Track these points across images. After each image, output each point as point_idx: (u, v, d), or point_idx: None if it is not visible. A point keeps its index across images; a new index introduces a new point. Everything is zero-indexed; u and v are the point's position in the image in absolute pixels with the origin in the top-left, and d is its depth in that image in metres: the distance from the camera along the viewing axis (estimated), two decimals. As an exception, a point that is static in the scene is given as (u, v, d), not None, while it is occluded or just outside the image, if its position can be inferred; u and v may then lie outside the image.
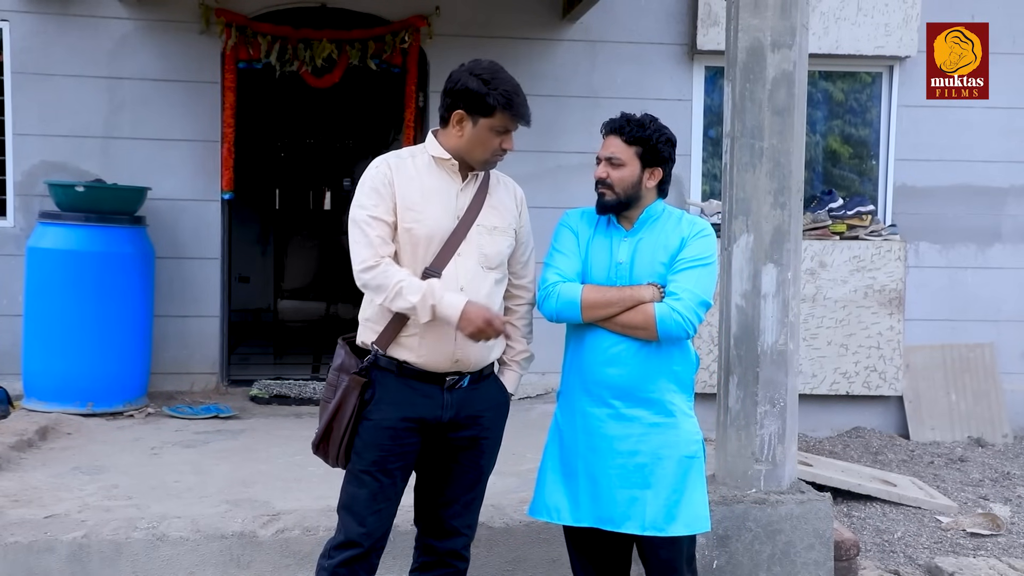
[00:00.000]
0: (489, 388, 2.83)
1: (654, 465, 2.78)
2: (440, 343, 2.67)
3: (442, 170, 2.73)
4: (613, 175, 2.86)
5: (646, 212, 2.90)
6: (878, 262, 6.46)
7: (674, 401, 2.84)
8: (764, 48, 3.76)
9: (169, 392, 5.93)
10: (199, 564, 3.41)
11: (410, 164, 2.71)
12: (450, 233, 2.68)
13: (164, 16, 6.00)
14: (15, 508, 3.69)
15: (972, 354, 6.68)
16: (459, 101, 2.65)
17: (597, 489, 2.83)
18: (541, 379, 6.32)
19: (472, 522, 2.86)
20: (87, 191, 5.43)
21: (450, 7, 6.17)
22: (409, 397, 2.67)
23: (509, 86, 2.66)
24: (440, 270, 2.65)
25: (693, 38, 6.36)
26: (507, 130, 2.70)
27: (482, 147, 2.70)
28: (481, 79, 2.63)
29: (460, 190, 2.74)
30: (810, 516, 3.73)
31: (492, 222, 2.78)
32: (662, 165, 2.88)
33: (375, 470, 2.67)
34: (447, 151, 2.71)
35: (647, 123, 2.88)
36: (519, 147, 2.94)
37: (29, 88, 5.91)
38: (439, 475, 2.80)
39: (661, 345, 2.81)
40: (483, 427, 2.80)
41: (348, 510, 2.70)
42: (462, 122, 2.66)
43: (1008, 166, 6.73)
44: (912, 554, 4.50)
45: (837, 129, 6.90)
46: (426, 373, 2.68)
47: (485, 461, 2.84)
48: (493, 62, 2.73)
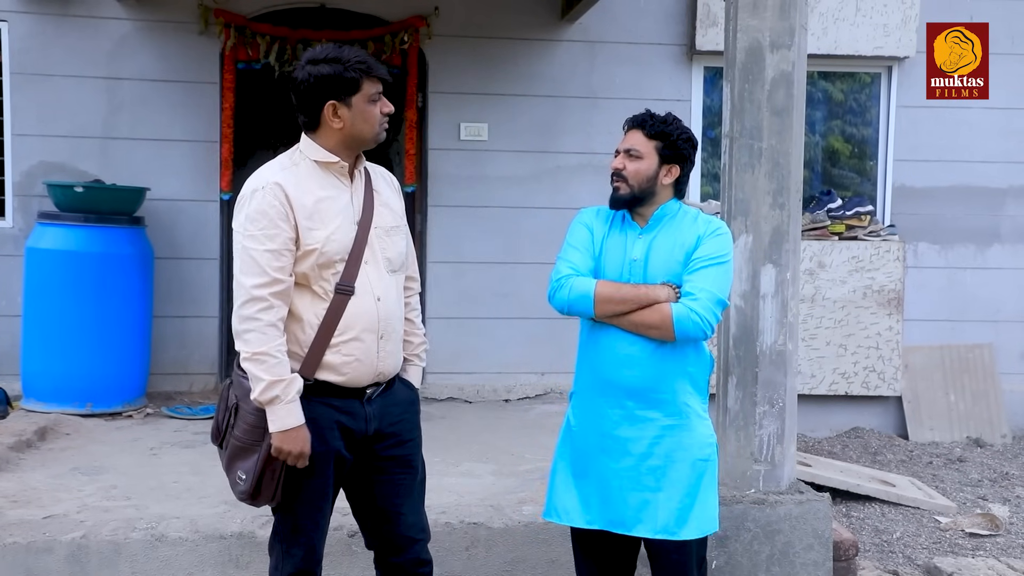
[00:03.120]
0: (398, 390, 2.72)
1: (667, 468, 2.76)
2: (365, 359, 2.56)
3: (329, 175, 2.57)
4: (629, 167, 2.84)
5: (661, 209, 2.87)
6: (877, 262, 6.46)
7: (688, 403, 2.81)
8: (763, 49, 3.76)
9: (168, 392, 5.93)
10: (198, 564, 3.41)
11: (297, 178, 2.53)
12: (352, 242, 2.54)
13: (163, 17, 6.00)
14: (14, 509, 3.69)
15: (971, 354, 6.69)
16: (322, 93, 2.50)
17: (608, 491, 2.81)
18: (540, 379, 6.33)
19: (424, 524, 2.78)
20: (86, 191, 5.42)
21: (449, 8, 6.17)
22: (334, 416, 2.55)
23: (356, 54, 2.52)
24: (352, 283, 2.53)
25: (692, 38, 6.36)
26: (379, 94, 2.57)
27: (367, 122, 2.54)
28: (328, 61, 2.49)
29: (352, 193, 2.60)
30: (809, 516, 3.73)
31: (388, 222, 2.65)
32: (680, 163, 2.86)
33: (318, 498, 2.58)
34: (331, 152, 2.56)
35: (670, 120, 2.88)
36: (518, 147, 2.92)
37: (28, 88, 5.91)
38: (378, 493, 2.68)
39: (675, 346, 2.77)
40: (406, 431, 2.71)
41: (294, 542, 2.59)
42: (337, 111, 2.51)
43: (1007, 166, 6.73)
44: (911, 554, 4.50)
45: (836, 129, 6.90)
46: (346, 390, 2.57)
47: (417, 461, 2.75)
48: (325, 43, 2.60)
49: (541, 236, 6.32)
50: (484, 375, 6.29)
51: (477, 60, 6.26)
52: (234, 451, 2.55)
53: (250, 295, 2.44)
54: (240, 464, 2.54)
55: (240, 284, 2.47)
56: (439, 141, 6.25)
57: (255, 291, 2.44)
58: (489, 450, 4.90)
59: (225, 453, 2.59)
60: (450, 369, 6.24)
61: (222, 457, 2.63)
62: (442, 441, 4.98)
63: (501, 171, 6.30)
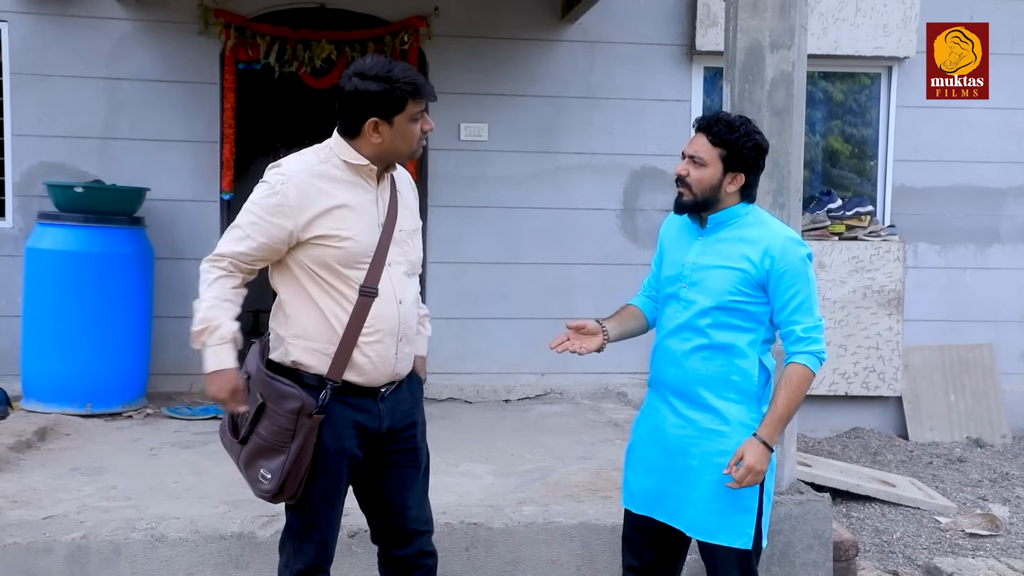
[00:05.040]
0: (404, 384, 2.73)
1: (702, 470, 2.74)
2: (385, 361, 2.59)
3: (358, 176, 2.57)
4: (693, 174, 2.76)
5: (723, 213, 2.79)
6: (877, 263, 6.46)
7: (730, 411, 2.75)
8: (763, 49, 3.76)
9: (168, 393, 5.93)
10: (198, 565, 3.41)
11: (323, 176, 2.54)
12: (376, 244, 2.56)
13: (163, 17, 6.00)
14: (14, 509, 3.69)
15: (971, 355, 6.68)
16: (366, 109, 2.49)
17: (655, 480, 2.82)
18: (540, 379, 6.33)
19: (428, 516, 2.80)
20: (86, 192, 5.42)
21: (449, 8, 6.17)
22: (351, 415, 2.57)
23: (406, 73, 2.50)
24: (376, 286, 2.54)
25: (692, 39, 6.36)
26: (422, 114, 2.57)
27: (406, 141, 2.55)
28: (377, 79, 2.47)
29: (378, 196, 2.61)
30: (809, 517, 3.73)
31: (409, 225, 2.68)
32: (746, 171, 2.76)
33: (331, 496, 2.60)
34: (366, 158, 2.56)
35: (737, 125, 2.74)
36: (518, 147, 2.92)
37: (28, 89, 5.91)
38: (385, 486, 2.71)
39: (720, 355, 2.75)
40: (415, 425, 2.74)
41: (306, 538, 2.61)
42: (378, 128, 2.51)
43: (1007, 166, 6.73)
44: (911, 554, 4.50)
45: (836, 129, 6.90)
46: (362, 388, 2.59)
47: (421, 450, 2.77)
48: (375, 56, 2.59)
49: (541, 236, 6.33)
50: (484, 375, 6.29)
51: (477, 60, 6.26)
52: (258, 449, 2.54)
53: (215, 255, 2.56)
54: (264, 463, 2.53)
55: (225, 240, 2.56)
56: (439, 141, 6.24)
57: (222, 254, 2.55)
58: (489, 450, 4.90)
59: (245, 450, 2.58)
60: (450, 369, 6.23)
61: (236, 452, 2.62)
62: (442, 441, 4.97)
63: (501, 171, 6.30)
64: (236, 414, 2.60)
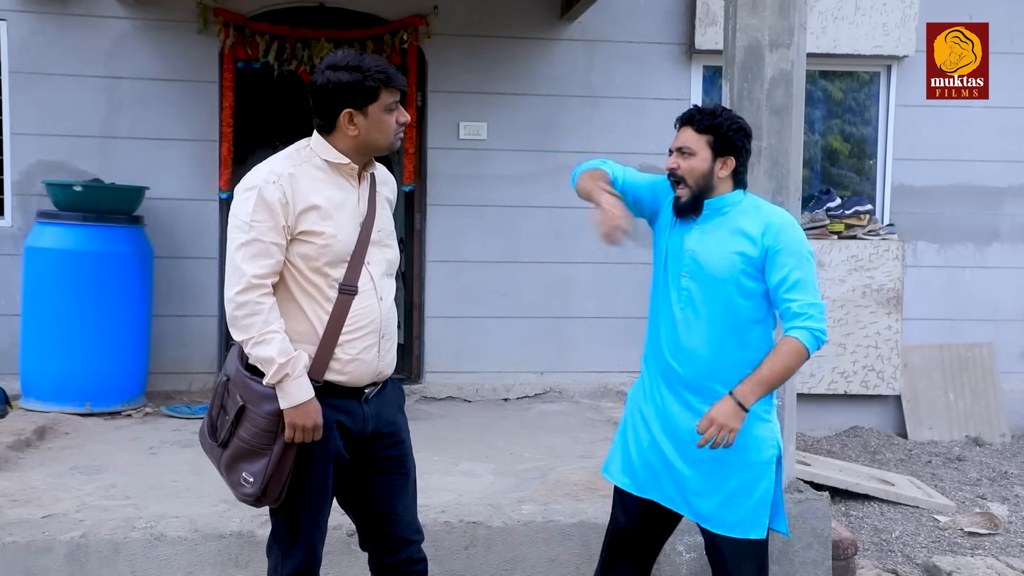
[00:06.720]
0: (388, 390, 2.73)
1: (714, 462, 2.74)
2: (367, 359, 2.58)
3: (339, 175, 2.58)
4: (683, 165, 2.79)
5: (719, 199, 2.80)
6: (876, 261, 6.46)
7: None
8: (762, 47, 3.76)
9: (167, 392, 5.93)
10: (197, 564, 3.41)
11: (305, 175, 2.54)
12: (356, 243, 2.56)
13: (162, 15, 6.00)
14: (13, 508, 3.69)
15: (970, 354, 6.69)
16: (340, 100, 2.50)
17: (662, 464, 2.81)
18: (539, 378, 6.33)
19: (418, 525, 2.79)
20: (85, 191, 5.42)
21: (448, 7, 6.17)
22: (333, 416, 2.55)
23: (377, 63, 2.52)
24: (355, 283, 2.54)
25: (691, 37, 6.36)
26: (396, 104, 2.58)
27: (382, 132, 2.56)
28: (348, 68, 2.49)
29: (359, 195, 2.61)
30: (808, 515, 3.73)
31: (388, 225, 2.68)
32: (735, 154, 2.80)
33: (316, 498, 2.59)
34: (344, 154, 2.57)
35: (719, 111, 2.81)
36: (518, 146, 2.92)
37: (27, 87, 5.91)
38: (376, 494, 2.69)
39: (728, 346, 2.75)
40: (400, 431, 2.73)
41: (293, 542, 2.60)
42: (353, 119, 2.52)
43: (1006, 166, 6.73)
44: (910, 553, 4.51)
45: (835, 128, 6.90)
46: (345, 389, 2.58)
47: (409, 462, 2.76)
48: (345, 48, 2.61)
49: (540, 235, 6.33)
50: (483, 374, 6.29)
51: (476, 59, 6.26)
52: (239, 452, 2.53)
53: (250, 283, 2.46)
54: (246, 466, 2.52)
55: (240, 272, 2.47)
56: (438, 140, 6.25)
57: (256, 280, 2.47)
58: (488, 449, 4.90)
59: (226, 453, 2.57)
60: (449, 368, 6.24)
61: (217, 455, 2.60)
62: (441, 440, 4.98)
63: (500, 170, 6.30)
64: (216, 416, 2.59)
